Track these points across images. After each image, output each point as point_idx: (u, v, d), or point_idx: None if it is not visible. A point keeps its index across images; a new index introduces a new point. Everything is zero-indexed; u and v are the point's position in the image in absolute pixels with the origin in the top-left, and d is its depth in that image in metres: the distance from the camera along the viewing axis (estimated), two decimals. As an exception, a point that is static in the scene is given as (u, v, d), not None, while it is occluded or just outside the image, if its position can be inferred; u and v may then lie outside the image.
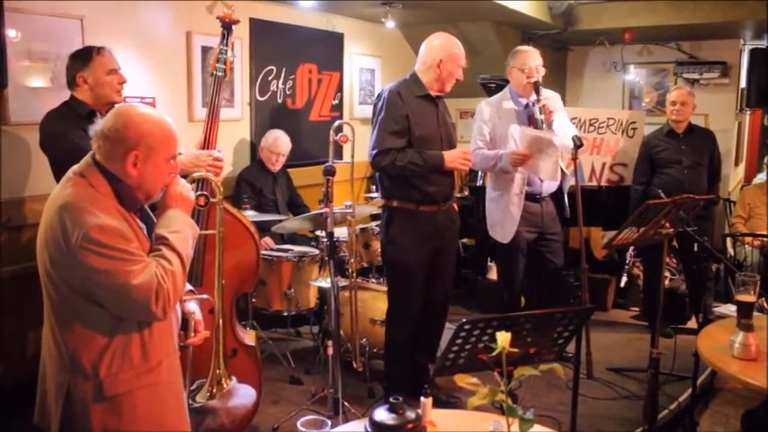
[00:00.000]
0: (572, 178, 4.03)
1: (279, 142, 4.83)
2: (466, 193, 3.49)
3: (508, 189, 4.07)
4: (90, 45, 3.21)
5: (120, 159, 1.88)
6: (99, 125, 1.92)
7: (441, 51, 3.52)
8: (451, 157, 3.52)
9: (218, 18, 3.22)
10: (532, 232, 4.16)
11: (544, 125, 3.85)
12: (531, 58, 4.04)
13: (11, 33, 3.48)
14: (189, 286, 2.26)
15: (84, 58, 3.11)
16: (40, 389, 1.98)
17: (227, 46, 3.19)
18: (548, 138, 3.85)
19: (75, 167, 1.92)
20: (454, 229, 3.75)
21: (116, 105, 2.54)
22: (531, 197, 4.11)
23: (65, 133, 2.99)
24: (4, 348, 3.51)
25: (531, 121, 3.99)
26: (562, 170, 4.16)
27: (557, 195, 4.21)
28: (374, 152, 3.51)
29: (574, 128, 4.25)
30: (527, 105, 4.07)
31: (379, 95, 3.60)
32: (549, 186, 4.12)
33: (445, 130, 3.62)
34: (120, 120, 1.90)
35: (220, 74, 3.17)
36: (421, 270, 3.59)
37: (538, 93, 3.91)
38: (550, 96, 4.05)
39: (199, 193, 2.38)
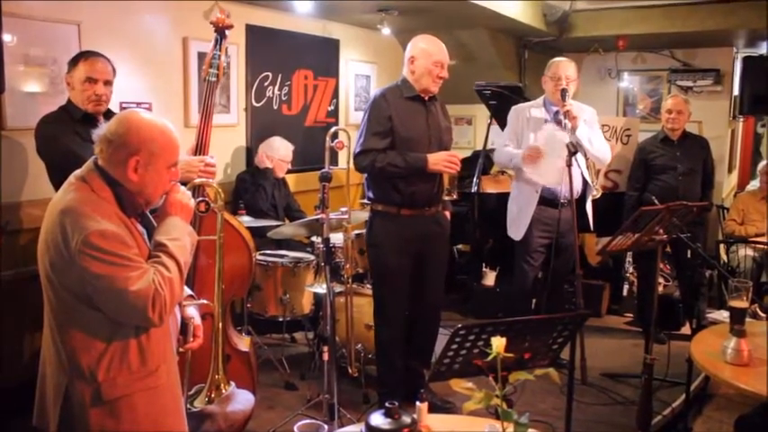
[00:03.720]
0: (594, 190, 4.26)
1: (289, 151, 4.93)
2: (454, 196, 3.45)
3: (524, 189, 4.24)
4: (90, 50, 3.21)
5: (122, 164, 1.90)
6: (102, 129, 1.94)
7: (414, 48, 3.57)
8: (436, 160, 3.47)
9: (211, 23, 3.23)
10: (545, 237, 4.22)
11: (568, 131, 3.88)
12: (563, 68, 4.16)
13: (6, 38, 3.47)
14: (189, 291, 2.28)
15: (73, 61, 3.12)
16: (39, 390, 1.99)
17: (220, 51, 3.19)
18: (560, 138, 3.95)
19: (77, 172, 1.94)
20: (442, 234, 3.73)
21: (121, 111, 2.55)
22: (550, 202, 4.18)
23: (57, 137, 3.00)
24: (2, 350, 3.51)
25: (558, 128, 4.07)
26: (585, 180, 4.21)
27: (580, 206, 4.22)
28: (356, 152, 3.54)
29: (604, 141, 4.32)
30: (557, 113, 4.13)
31: (369, 99, 3.64)
32: (566, 191, 4.11)
33: (435, 132, 3.59)
34: (123, 125, 1.92)
35: (213, 79, 3.17)
36: (403, 273, 3.59)
37: (564, 100, 3.99)
38: (574, 103, 4.11)
39: (200, 199, 2.40)
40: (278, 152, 4.88)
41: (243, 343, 3.30)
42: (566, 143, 3.74)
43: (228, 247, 3.04)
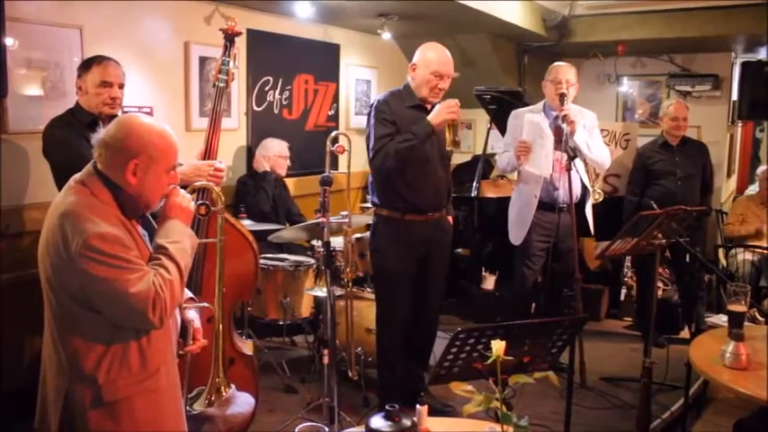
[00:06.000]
0: (595, 193, 4.31)
1: (283, 147, 4.95)
2: (459, 142, 3.34)
3: (524, 193, 4.26)
4: (101, 55, 3.22)
5: (121, 168, 1.91)
6: (101, 133, 1.95)
7: (418, 55, 3.55)
8: (437, 114, 3.40)
9: (220, 30, 3.25)
10: (545, 241, 4.25)
11: (567, 135, 3.89)
12: (563, 72, 4.16)
13: (9, 41, 3.47)
14: (189, 293, 2.29)
15: (85, 65, 3.14)
16: (40, 393, 1.99)
17: (229, 57, 3.22)
18: (541, 125, 4.03)
19: (76, 176, 1.95)
20: (445, 239, 3.74)
21: (119, 115, 2.56)
22: (548, 206, 4.20)
23: (67, 141, 3.00)
24: (4, 354, 3.52)
25: (557, 133, 4.08)
26: (584, 185, 4.24)
27: (580, 212, 4.23)
28: (370, 157, 3.53)
29: (603, 146, 4.34)
30: (556, 117, 4.14)
31: (372, 105, 3.63)
32: (565, 196, 4.13)
33: (437, 140, 3.55)
34: (122, 129, 1.93)
35: (222, 85, 3.19)
36: (406, 278, 3.60)
37: (562, 104, 4.00)
38: (574, 107, 4.13)
39: (200, 202, 2.40)
40: (272, 150, 4.90)
41: (247, 347, 3.30)
42: (544, 128, 3.77)
43: (235, 251, 3.05)
